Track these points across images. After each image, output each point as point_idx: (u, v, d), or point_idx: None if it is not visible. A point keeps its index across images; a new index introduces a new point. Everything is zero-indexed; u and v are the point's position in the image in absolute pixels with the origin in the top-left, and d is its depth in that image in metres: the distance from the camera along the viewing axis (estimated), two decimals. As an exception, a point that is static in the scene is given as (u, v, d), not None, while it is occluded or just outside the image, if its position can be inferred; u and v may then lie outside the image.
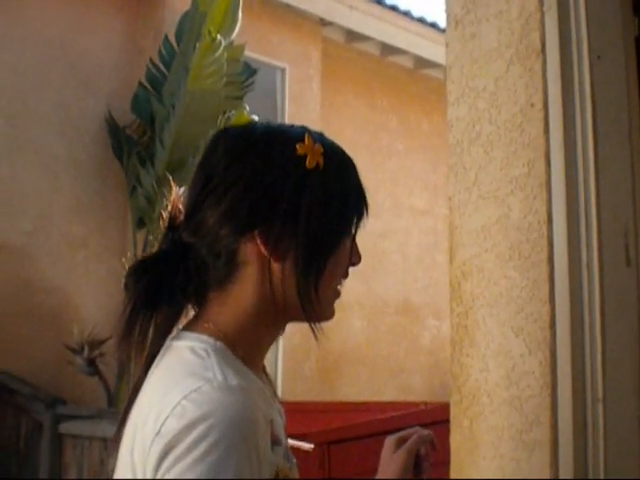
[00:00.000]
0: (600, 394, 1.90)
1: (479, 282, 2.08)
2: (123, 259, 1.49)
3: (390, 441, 1.53)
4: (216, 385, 1.14)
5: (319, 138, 1.31)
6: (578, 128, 1.94)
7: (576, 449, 1.89)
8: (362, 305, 8.69)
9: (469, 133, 2.16)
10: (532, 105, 1.99)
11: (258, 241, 1.24)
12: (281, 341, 7.65)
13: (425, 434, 1.53)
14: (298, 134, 1.30)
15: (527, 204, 1.97)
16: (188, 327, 1.30)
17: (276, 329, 1.34)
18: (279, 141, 1.30)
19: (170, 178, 1.39)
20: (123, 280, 1.27)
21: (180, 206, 1.31)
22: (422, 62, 9.41)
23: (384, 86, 9.40)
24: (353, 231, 1.34)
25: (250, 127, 1.37)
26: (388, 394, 8.83)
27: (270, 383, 1.40)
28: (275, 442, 1.22)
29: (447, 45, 2.31)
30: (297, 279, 1.25)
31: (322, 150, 1.28)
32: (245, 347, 1.27)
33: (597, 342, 1.89)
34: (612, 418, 1.92)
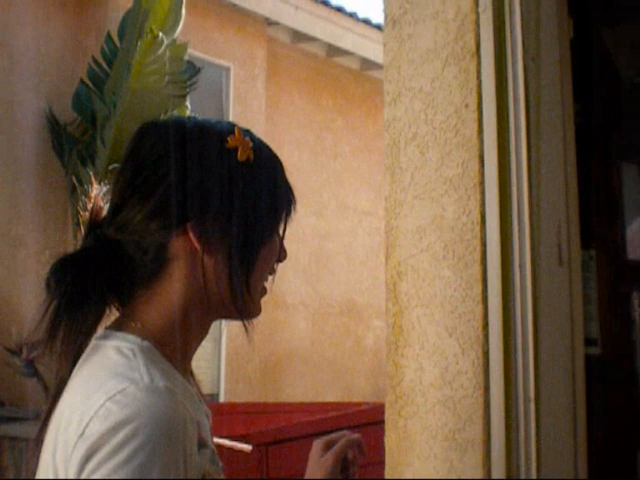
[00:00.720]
0: (532, 394, 1.91)
1: (414, 282, 2.09)
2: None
3: (318, 444, 1.52)
4: (142, 386, 1.11)
5: (248, 134, 1.30)
6: (512, 129, 1.96)
7: (508, 449, 1.90)
8: (306, 306, 8.69)
9: (405, 133, 2.16)
10: (467, 106, 2.00)
11: (190, 235, 1.22)
12: (224, 342, 7.61)
13: (354, 438, 1.52)
14: (228, 128, 1.29)
15: (461, 205, 1.98)
16: (115, 326, 1.27)
17: (204, 328, 1.32)
18: (210, 133, 1.28)
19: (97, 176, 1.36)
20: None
21: (101, 203, 1.28)
22: (368, 63, 9.44)
23: (329, 87, 9.41)
24: (281, 228, 1.32)
25: (178, 120, 1.35)
26: (332, 395, 8.83)
27: (197, 384, 1.38)
28: (202, 444, 1.20)
29: (384, 45, 2.31)
30: (229, 273, 1.23)
31: (251, 144, 1.27)
32: (173, 347, 1.25)
33: (529, 342, 1.90)
34: (544, 417, 1.93)
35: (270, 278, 1.34)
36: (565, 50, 2.14)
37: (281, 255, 1.33)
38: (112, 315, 1.31)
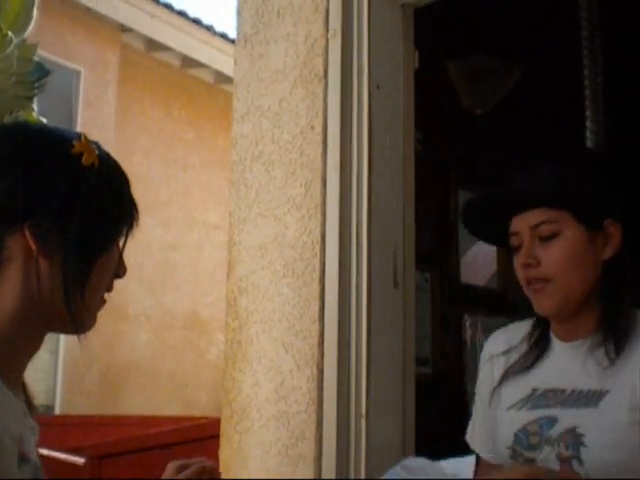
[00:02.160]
0: (364, 410, 1.96)
1: (254, 298, 2.11)
2: None
3: (171, 466, 1.51)
4: None
5: (95, 144, 1.29)
6: (354, 153, 2.01)
7: (339, 463, 1.95)
8: (149, 317, 8.56)
9: (252, 151, 2.19)
10: (312, 128, 2.05)
11: (27, 234, 1.19)
12: (61, 352, 7.40)
13: (208, 465, 1.51)
14: (74, 134, 1.27)
15: (303, 224, 2.02)
16: None
17: (37, 339, 1.28)
18: (55, 137, 1.26)
19: None
20: None
21: None
22: (222, 77, 9.43)
23: (183, 98, 9.35)
24: (121, 241, 1.31)
25: (22, 124, 1.34)
26: (172, 409, 8.73)
27: (29, 396, 1.34)
28: (22, 460, 1.17)
29: (235, 63, 2.34)
30: (63, 277, 1.21)
31: (97, 152, 1.26)
32: (1, 357, 1.21)
33: (363, 360, 1.96)
34: (375, 434, 1.99)
35: (107, 295, 1.33)
36: (409, 79, 2.22)
37: (120, 270, 1.31)
38: None
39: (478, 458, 1.66)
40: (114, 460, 3.40)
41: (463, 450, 2.91)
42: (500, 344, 1.68)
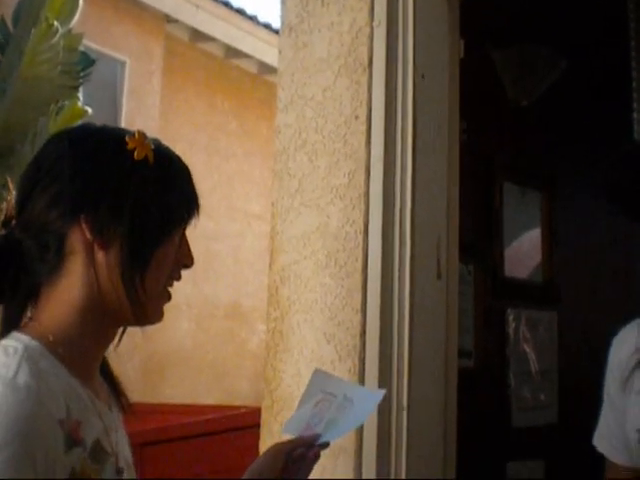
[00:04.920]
0: (405, 402, 1.95)
1: (296, 288, 2.10)
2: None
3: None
4: (1, 381, 1.11)
5: (154, 140, 1.33)
6: (398, 143, 2.00)
7: (379, 456, 1.94)
8: (191, 307, 8.60)
9: (295, 140, 2.18)
10: (356, 117, 2.03)
11: (83, 226, 1.23)
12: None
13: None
14: (131, 131, 1.32)
15: (346, 214, 2.01)
16: (20, 327, 1.27)
17: (105, 330, 1.30)
18: (110, 134, 1.31)
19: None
20: None
21: (13, 204, 1.29)
22: (266, 68, 9.43)
23: (226, 88, 9.36)
24: (182, 230, 1.34)
25: (86, 124, 1.40)
26: (212, 398, 8.77)
27: (117, 391, 1.38)
28: (74, 444, 1.19)
29: (280, 52, 2.33)
30: (121, 267, 1.24)
31: (153, 147, 1.30)
32: (68, 347, 1.24)
33: (404, 352, 1.94)
34: (416, 426, 1.97)
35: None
36: (455, 69, 2.20)
37: (186, 260, 1.34)
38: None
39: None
40: (155, 448, 3.43)
41: (505, 443, 2.88)
42: (629, 338, 1.76)
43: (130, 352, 7.75)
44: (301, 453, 1.49)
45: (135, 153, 1.27)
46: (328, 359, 1.99)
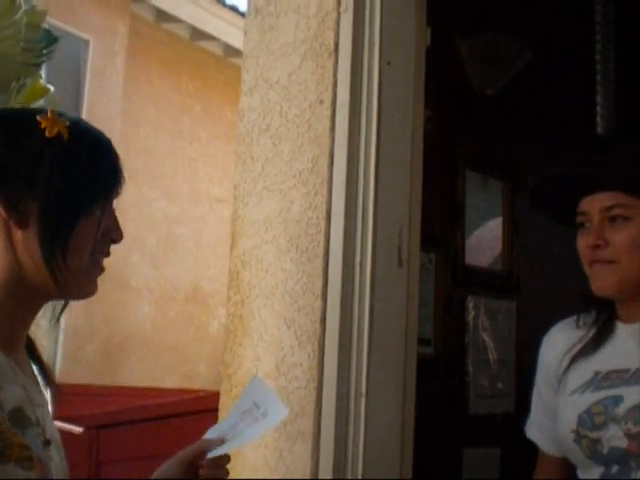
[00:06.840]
0: (364, 389, 1.95)
1: (257, 272, 2.10)
2: None
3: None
4: None
5: (75, 118, 1.34)
6: (363, 129, 1.99)
7: (337, 441, 1.94)
8: (151, 290, 8.56)
9: (259, 124, 2.17)
10: (321, 102, 2.02)
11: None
12: (63, 322, 7.42)
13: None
14: (44, 111, 1.33)
15: (308, 199, 2.00)
16: None
17: (30, 305, 1.31)
18: (23, 115, 1.33)
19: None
20: None
21: None
22: (231, 50, 9.37)
23: (191, 70, 9.29)
24: (107, 204, 1.34)
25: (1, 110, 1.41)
26: (172, 381, 8.74)
27: (43, 368, 1.38)
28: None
29: (245, 34, 2.32)
30: (40, 246, 1.25)
31: (67, 123, 1.30)
32: None
33: (364, 339, 1.95)
34: (374, 412, 1.98)
35: (107, 260, 1.34)
36: (421, 57, 2.19)
37: (115, 234, 1.34)
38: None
39: None
40: (112, 430, 3.42)
41: (462, 430, 2.90)
42: (561, 338, 1.76)
43: (89, 334, 7.69)
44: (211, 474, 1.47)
45: (46, 131, 1.28)
46: (288, 344, 1.99)
